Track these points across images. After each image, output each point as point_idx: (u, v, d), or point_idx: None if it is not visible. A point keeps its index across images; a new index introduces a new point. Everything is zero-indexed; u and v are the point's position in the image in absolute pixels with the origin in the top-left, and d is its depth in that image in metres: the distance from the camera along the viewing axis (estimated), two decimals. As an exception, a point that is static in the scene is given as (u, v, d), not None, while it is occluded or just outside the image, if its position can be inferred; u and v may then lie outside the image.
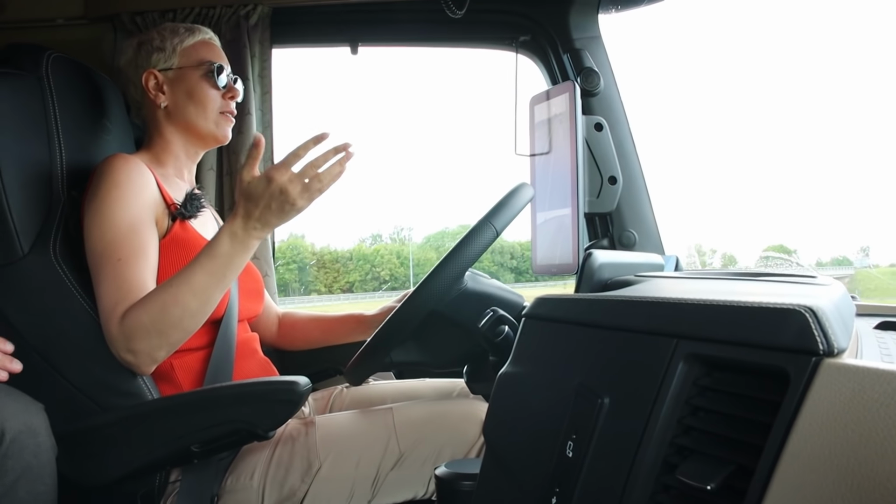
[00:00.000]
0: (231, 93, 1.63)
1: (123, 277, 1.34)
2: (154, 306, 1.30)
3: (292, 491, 1.34)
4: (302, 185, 1.29)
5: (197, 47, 1.62)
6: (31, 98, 1.45)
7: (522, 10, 2.05)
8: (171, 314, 1.30)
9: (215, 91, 1.61)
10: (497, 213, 1.36)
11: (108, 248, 1.36)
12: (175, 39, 1.60)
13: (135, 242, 1.38)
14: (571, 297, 0.87)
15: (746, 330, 0.59)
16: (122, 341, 1.30)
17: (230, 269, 1.34)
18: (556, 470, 0.73)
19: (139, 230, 1.39)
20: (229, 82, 1.63)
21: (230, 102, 1.63)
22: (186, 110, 1.59)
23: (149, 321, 1.29)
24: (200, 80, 1.59)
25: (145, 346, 1.31)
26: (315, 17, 2.16)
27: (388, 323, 1.38)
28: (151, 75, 1.58)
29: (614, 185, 1.90)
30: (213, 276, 1.32)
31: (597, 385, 0.72)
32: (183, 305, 1.30)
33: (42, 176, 1.44)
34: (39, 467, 1.19)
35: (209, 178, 2.09)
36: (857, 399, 0.50)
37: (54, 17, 2.01)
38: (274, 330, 1.89)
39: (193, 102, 1.59)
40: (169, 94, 1.59)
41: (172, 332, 1.31)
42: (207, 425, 1.28)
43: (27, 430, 1.18)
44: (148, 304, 1.30)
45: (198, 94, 1.59)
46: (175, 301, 1.30)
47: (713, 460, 0.59)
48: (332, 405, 1.75)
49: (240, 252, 1.34)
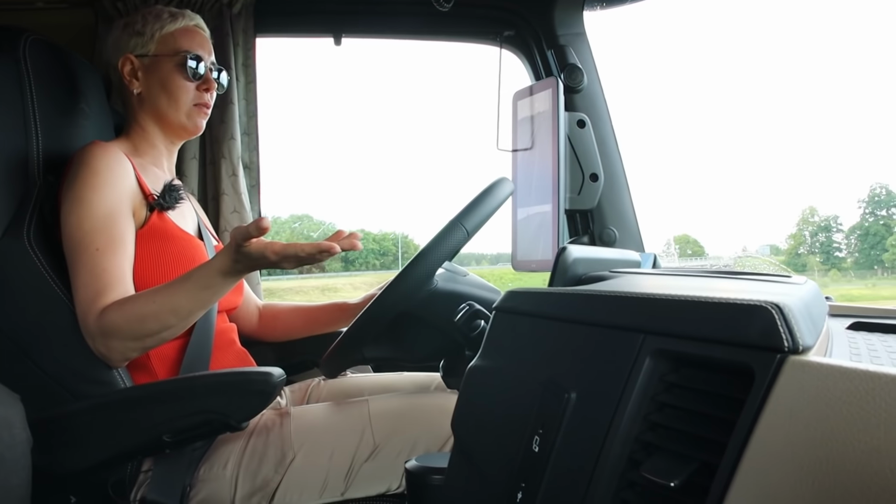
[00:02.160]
0: (206, 84, 1.60)
1: (102, 268, 1.33)
2: (133, 316, 1.29)
3: (265, 481, 1.33)
4: (296, 262, 1.27)
5: (177, 35, 1.59)
6: (7, 81, 1.43)
7: (507, 4, 2.05)
8: (148, 327, 1.30)
9: (188, 82, 1.57)
10: (469, 212, 1.35)
11: (85, 238, 1.34)
12: (156, 25, 1.57)
13: (113, 232, 1.36)
14: (541, 290, 0.86)
15: (712, 326, 0.59)
16: (97, 336, 1.30)
17: (215, 297, 1.35)
18: (523, 464, 0.73)
19: (117, 220, 1.38)
20: (206, 74, 1.60)
21: (205, 94, 1.60)
22: (158, 100, 1.56)
23: (126, 327, 1.29)
24: (174, 69, 1.56)
25: (119, 346, 1.31)
26: (299, 6, 2.14)
27: (358, 321, 1.38)
28: (128, 60, 1.56)
29: (596, 182, 1.90)
30: (197, 302, 1.32)
31: (564, 380, 0.72)
32: (162, 322, 1.31)
33: (17, 160, 1.42)
34: (13, 460, 1.17)
35: (192, 166, 2.08)
36: (820, 396, 0.49)
37: (34, 1, 1.99)
38: (254, 321, 1.88)
39: (166, 93, 1.56)
40: (143, 82, 1.57)
41: (148, 340, 1.32)
42: (180, 415, 1.27)
43: (1, 422, 1.16)
44: (127, 311, 1.29)
45: (170, 84, 1.56)
46: (155, 317, 1.30)
47: (678, 457, 0.59)
48: (308, 397, 1.75)
49: (229, 285, 1.33)
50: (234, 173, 2.07)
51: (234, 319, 1.73)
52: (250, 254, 1.24)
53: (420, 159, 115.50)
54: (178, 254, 1.46)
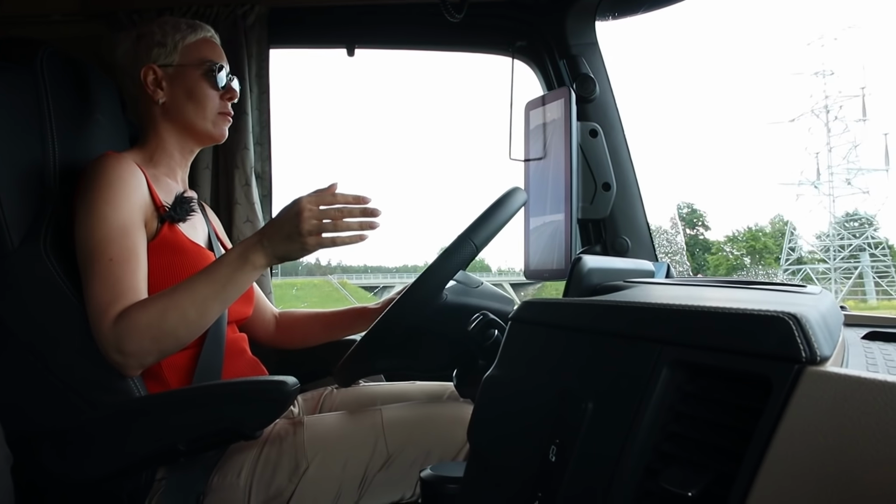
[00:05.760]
0: (230, 93, 1.63)
1: (116, 278, 1.33)
2: (153, 310, 1.31)
3: (279, 491, 1.33)
4: (318, 221, 1.32)
5: (199, 45, 1.61)
6: (24, 92, 1.44)
7: (520, 15, 2.05)
8: (168, 320, 1.30)
9: (214, 91, 1.60)
10: (479, 226, 1.35)
11: (98, 247, 1.35)
12: (177, 35, 1.59)
13: (126, 243, 1.37)
14: (558, 301, 0.86)
15: (730, 336, 0.59)
16: (113, 342, 1.29)
17: (231, 284, 1.35)
18: (539, 474, 0.73)
19: (130, 231, 1.39)
20: (228, 83, 1.63)
21: (228, 103, 1.63)
22: (185, 108, 1.59)
23: (145, 324, 1.29)
24: (200, 78, 1.59)
25: (136, 349, 1.30)
26: (312, 18, 2.16)
27: (371, 333, 1.39)
28: (151, 70, 1.58)
29: (608, 192, 1.90)
30: (213, 285, 1.34)
31: (581, 390, 0.72)
32: (182, 312, 1.31)
33: (34, 170, 1.43)
34: None
35: (204, 176, 2.09)
36: (838, 407, 0.49)
37: (50, 13, 2.01)
38: (271, 329, 1.88)
39: (192, 101, 1.58)
40: (168, 91, 1.58)
41: (166, 339, 1.32)
42: (194, 424, 1.28)
43: None
44: (147, 307, 1.31)
45: (197, 93, 1.59)
46: (175, 306, 1.31)
47: (695, 467, 0.59)
48: (321, 406, 1.75)
49: (242, 268, 1.35)
50: (247, 183, 2.08)
51: (249, 328, 1.74)
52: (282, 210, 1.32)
53: (433, 167, 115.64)
54: (188, 266, 1.46)
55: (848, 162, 32.23)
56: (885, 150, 33.35)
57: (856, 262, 30.54)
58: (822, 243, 31.96)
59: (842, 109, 32.98)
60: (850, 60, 40.16)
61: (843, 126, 32.60)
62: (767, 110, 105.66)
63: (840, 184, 32.20)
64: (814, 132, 33.43)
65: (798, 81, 47.29)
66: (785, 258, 32.35)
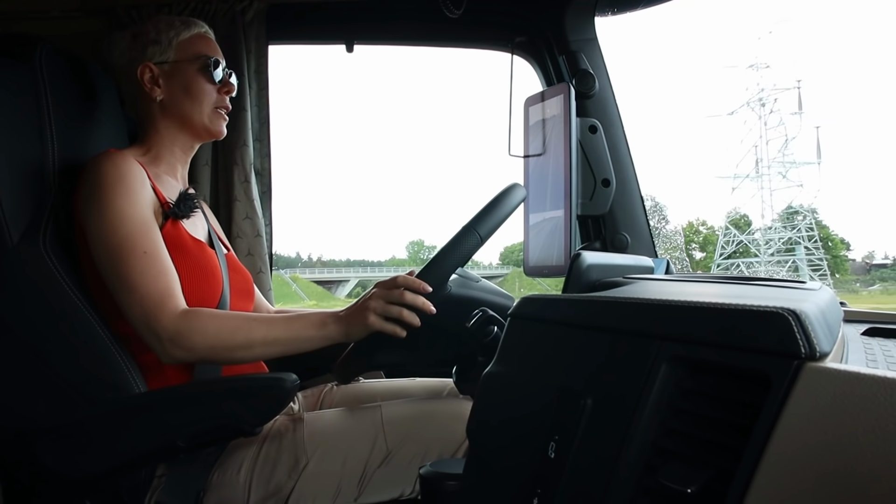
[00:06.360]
0: (226, 87, 1.63)
1: (157, 269, 1.34)
2: (226, 323, 1.34)
3: (278, 487, 1.33)
4: (384, 303, 1.34)
5: (193, 41, 1.62)
6: (23, 88, 1.44)
7: (519, 11, 2.05)
8: (235, 338, 1.33)
9: (211, 85, 1.60)
10: (483, 218, 1.35)
11: (125, 243, 1.35)
12: (171, 32, 1.60)
13: (153, 236, 1.38)
14: (557, 297, 0.86)
15: (729, 332, 0.59)
16: (173, 332, 1.31)
17: (301, 339, 1.38)
18: (539, 470, 0.73)
19: (152, 225, 1.40)
20: (224, 77, 1.63)
21: (225, 97, 1.63)
22: (182, 104, 1.59)
23: (213, 332, 1.32)
24: (196, 74, 1.59)
25: (191, 346, 1.32)
26: (311, 14, 2.15)
27: None
28: (147, 68, 1.58)
29: (607, 188, 1.90)
30: (288, 332, 1.37)
31: (580, 386, 0.72)
32: (249, 338, 1.34)
33: (33, 166, 1.43)
34: None
35: (204, 173, 2.09)
36: (838, 403, 0.49)
37: (49, 9, 2.00)
38: None
39: (189, 96, 1.58)
40: (164, 88, 1.59)
41: (221, 352, 1.34)
42: (194, 420, 1.28)
43: None
44: (221, 318, 1.34)
45: (193, 88, 1.59)
46: (248, 330, 1.34)
47: (695, 463, 0.59)
48: (321, 402, 1.75)
49: (318, 331, 1.38)
50: (247, 179, 2.08)
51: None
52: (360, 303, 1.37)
53: (432, 163, 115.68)
54: (189, 262, 1.46)
55: (783, 155, 32.63)
56: (816, 144, 33.85)
57: (790, 255, 31.01)
58: (762, 237, 32.42)
59: (777, 102, 33.37)
60: (785, 54, 40.60)
61: (779, 119, 32.93)
62: (707, 104, 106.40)
63: (776, 177, 32.59)
64: (750, 125, 33.88)
65: (733, 75, 47.66)
66: (719, 253, 32.83)
